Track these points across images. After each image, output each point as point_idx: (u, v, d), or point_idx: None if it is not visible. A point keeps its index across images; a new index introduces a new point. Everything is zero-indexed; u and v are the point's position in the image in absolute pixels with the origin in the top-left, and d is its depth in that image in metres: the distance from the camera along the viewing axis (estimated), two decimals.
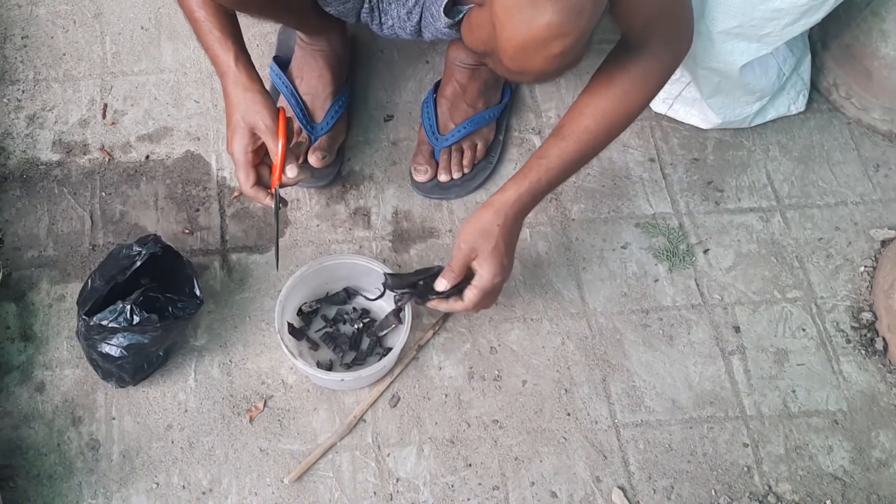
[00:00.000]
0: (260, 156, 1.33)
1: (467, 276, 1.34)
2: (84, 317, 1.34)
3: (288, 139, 1.30)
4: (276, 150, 1.29)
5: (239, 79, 1.30)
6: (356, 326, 1.49)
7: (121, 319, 1.32)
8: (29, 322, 1.48)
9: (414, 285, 1.36)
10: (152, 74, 1.73)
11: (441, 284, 1.33)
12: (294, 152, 1.34)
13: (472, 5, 1.27)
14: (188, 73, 1.73)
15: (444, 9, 1.32)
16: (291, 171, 1.32)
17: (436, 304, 1.36)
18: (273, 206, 1.35)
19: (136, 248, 1.36)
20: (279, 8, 1.46)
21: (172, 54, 1.75)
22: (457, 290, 1.33)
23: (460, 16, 1.34)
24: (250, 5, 1.35)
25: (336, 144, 1.64)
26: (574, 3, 1.00)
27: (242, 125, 1.29)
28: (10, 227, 1.56)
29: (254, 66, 1.33)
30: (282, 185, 1.33)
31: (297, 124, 1.61)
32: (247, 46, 1.34)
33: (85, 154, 1.64)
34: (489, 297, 1.35)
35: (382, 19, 1.41)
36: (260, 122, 1.28)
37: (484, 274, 1.31)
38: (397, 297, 1.38)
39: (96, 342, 1.36)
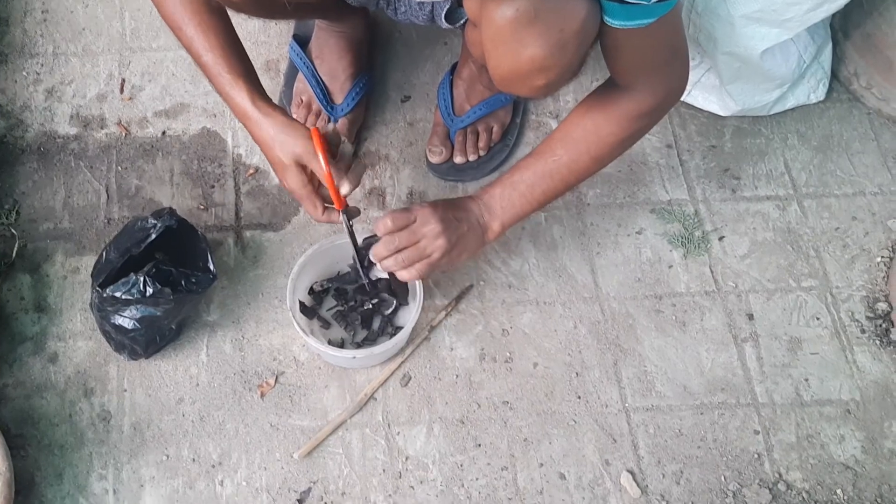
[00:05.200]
0: (317, 182, 1.28)
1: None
2: (98, 288, 1.34)
3: (332, 150, 1.26)
4: (322, 171, 1.22)
5: (262, 119, 1.25)
6: (367, 305, 1.49)
7: (134, 291, 1.33)
8: (43, 293, 1.49)
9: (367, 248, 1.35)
10: (170, 51, 1.73)
11: (380, 222, 1.29)
12: (341, 165, 1.27)
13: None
14: None
15: (445, 14, 1.33)
16: (344, 188, 1.25)
17: (378, 259, 1.31)
18: (345, 225, 1.31)
19: (152, 221, 1.37)
20: (306, 8, 1.46)
21: None
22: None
23: (461, 21, 1.35)
24: (276, 12, 1.34)
25: (355, 127, 1.64)
26: (558, 38, 1.00)
27: (287, 161, 1.24)
28: (26, 199, 1.57)
29: (269, 98, 1.28)
30: (347, 196, 1.27)
31: (316, 104, 1.61)
32: (266, 24, 1.33)
33: (102, 128, 1.65)
34: (415, 246, 1.29)
35: (397, 6, 1.41)
36: (300, 150, 1.23)
37: (418, 216, 1.28)
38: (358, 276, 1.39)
39: (109, 314, 1.36)
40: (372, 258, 1.32)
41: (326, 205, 1.28)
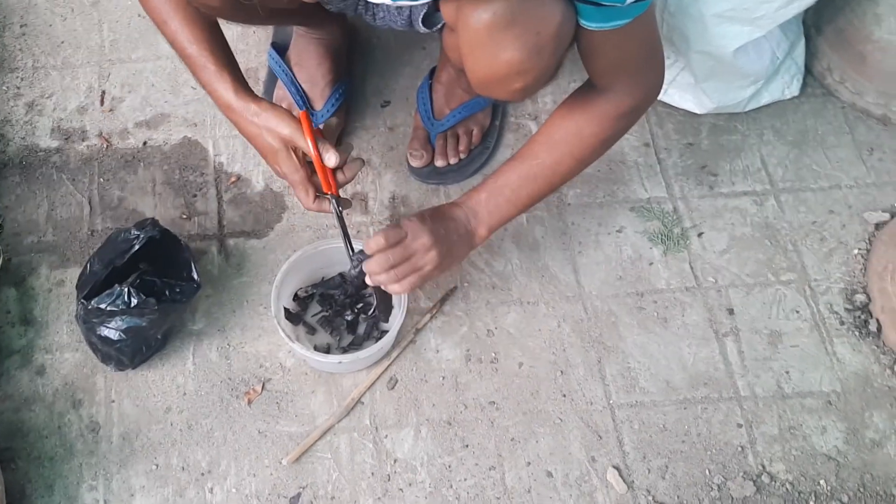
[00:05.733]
0: (310, 168, 1.27)
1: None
2: (83, 300, 1.35)
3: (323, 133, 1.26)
4: (311, 151, 1.23)
5: (245, 107, 1.26)
6: (353, 310, 1.50)
7: (119, 302, 1.34)
8: (29, 307, 1.50)
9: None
10: (149, 62, 1.74)
11: (373, 241, 1.28)
12: (327, 140, 1.27)
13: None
14: None
15: (423, 19, 1.34)
16: (331, 160, 1.24)
17: (371, 276, 1.31)
18: (334, 212, 1.30)
19: (135, 232, 1.38)
20: (284, 14, 1.47)
21: None
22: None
23: (439, 25, 1.36)
24: (254, 17, 1.34)
25: (336, 132, 1.65)
26: (535, 42, 1.01)
27: (276, 144, 1.25)
28: (9, 212, 1.58)
29: (253, 92, 1.29)
30: (341, 186, 1.28)
31: (296, 112, 1.62)
32: (245, 31, 1.34)
33: (83, 140, 1.66)
34: (408, 262, 1.29)
35: (375, 11, 1.42)
36: (287, 131, 1.24)
37: (409, 230, 1.28)
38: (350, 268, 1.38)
39: (95, 325, 1.37)
40: (365, 271, 1.31)
41: (318, 194, 1.28)
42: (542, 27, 1.02)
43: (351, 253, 1.36)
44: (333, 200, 1.29)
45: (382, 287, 1.31)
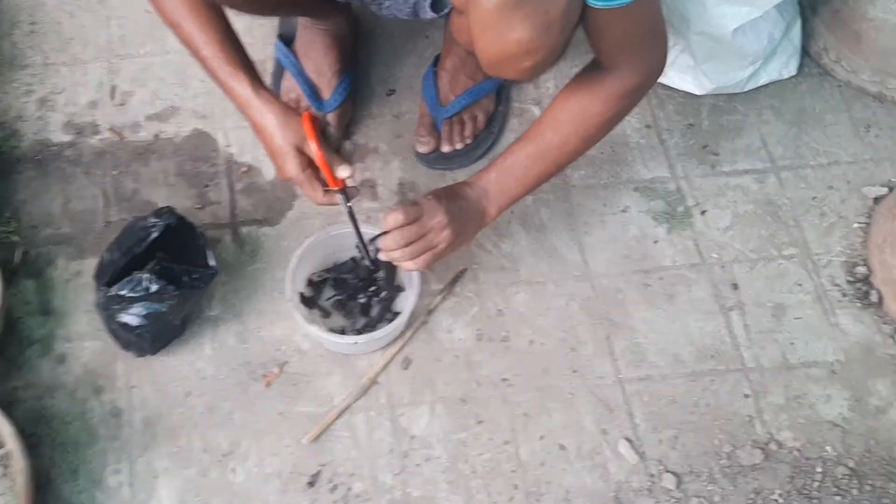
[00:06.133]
0: (315, 167, 1.31)
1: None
2: (103, 287, 1.38)
3: (324, 134, 1.30)
4: (315, 154, 1.27)
5: (262, 106, 1.29)
6: (366, 294, 1.53)
7: (139, 289, 1.37)
8: (48, 297, 1.52)
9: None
10: (158, 56, 1.77)
11: (391, 217, 1.31)
12: (333, 145, 1.31)
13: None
14: None
15: (431, 4, 1.37)
16: (344, 171, 1.29)
17: (387, 252, 1.34)
18: (343, 206, 1.34)
19: (152, 220, 1.41)
20: (292, 4, 1.50)
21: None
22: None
23: (446, 10, 1.39)
24: (263, 7, 1.37)
25: (344, 121, 1.68)
26: (543, 20, 1.04)
27: (287, 148, 1.28)
28: (25, 206, 1.60)
29: (269, 88, 1.32)
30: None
31: (304, 102, 1.66)
32: (251, 25, 1.37)
33: (95, 134, 1.68)
34: (423, 239, 1.32)
35: (381, 1, 1.45)
36: (298, 137, 1.27)
37: (425, 209, 1.31)
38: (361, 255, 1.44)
39: (115, 312, 1.40)
40: (381, 249, 1.34)
41: (326, 189, 1.31)
42: (550, 6, 1.05)
43: (363, 244, 1.40)
44: (342, 195, 1.32)
45: (396, 263, 1.34)
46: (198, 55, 1.31)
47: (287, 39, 1.70)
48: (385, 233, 1.32)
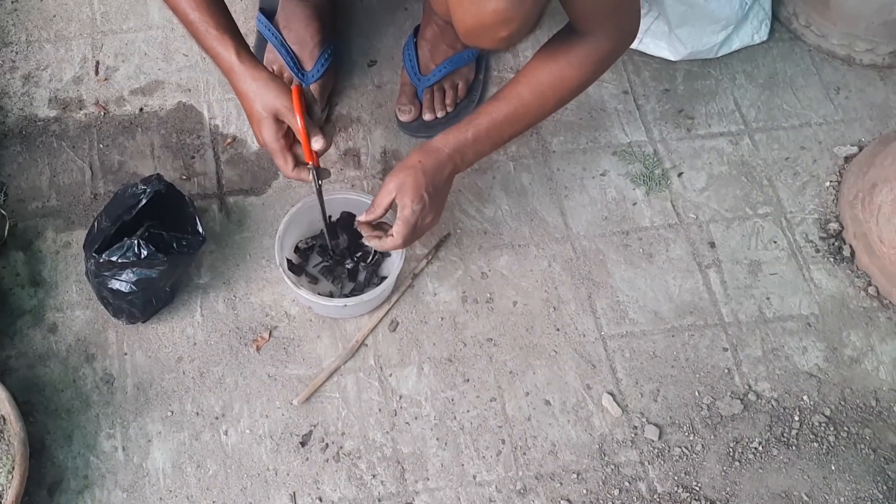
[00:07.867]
0: (290, 138, 1.33)
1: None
2: (94, 255, 1.40)
3: (309, 111, 1.32)
4: (298, 126, 1.29)
5: (246, 72, 1.31)
6: (353, 259, 1.56)
7: (129, 255, 1.39)
8: (37, 269, 1.54)
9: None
10: (141, 31, 1.79)
11: (362, 217, 1.39)
12: (316, 123, 1.34)
13: None
14: (176, 28, 1.79)
15: None
16: (317, 144, 1.31)
17: (368, 240, 1.41)
18: (314, 182, 1.36)
19: (142, 187, 1.43)
20: None
21: (159, 11, 1.81)
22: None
23: None
24: None
25: (326, 92, 1.71)
26: None
27: (265, 114, 1.30)
28: (13, 180, 1.62)
29: (254, 55, 1.34)
30: (319, 155, 1.34)
31: (287, 73, 1.68)
32: (231, 1, 1.38)
33: (80, 109, 1.70)
34: (413, 231, 1.37)
35: None
36: (279, 105, 1.29)
37: (405, 205, 1.35)
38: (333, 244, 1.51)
39: (106, 279, 1.42)
40: (360, 231, 1.41)
41: (299, 162, 1.34)
42: None
43: (326, 221, 1.45)
44: (313, 170, 1.35)
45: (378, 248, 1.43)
46: (185, 20, 1.33)
47: (269, 13, 1.72)
48: (352, 215, 1.40)
